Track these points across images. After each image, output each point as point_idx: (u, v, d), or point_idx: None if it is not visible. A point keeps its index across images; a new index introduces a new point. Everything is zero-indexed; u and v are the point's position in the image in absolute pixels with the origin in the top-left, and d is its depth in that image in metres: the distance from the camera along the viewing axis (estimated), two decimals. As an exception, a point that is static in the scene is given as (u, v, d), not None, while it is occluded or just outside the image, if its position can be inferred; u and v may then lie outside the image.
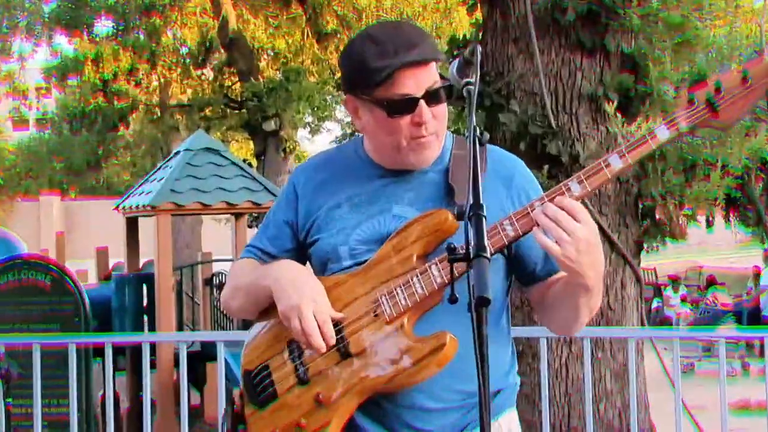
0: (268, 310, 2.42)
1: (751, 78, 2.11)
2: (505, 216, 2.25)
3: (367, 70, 2.28)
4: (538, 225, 2.16)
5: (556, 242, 2.13)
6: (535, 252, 2.38)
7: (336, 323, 2.31)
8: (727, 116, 2.14)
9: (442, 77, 2.34)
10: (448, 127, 2.46)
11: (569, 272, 2.19)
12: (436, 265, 2.25)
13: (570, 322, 2.38)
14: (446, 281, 2.21)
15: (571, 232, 2.11)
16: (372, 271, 2.33)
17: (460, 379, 2.32)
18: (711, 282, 20.27)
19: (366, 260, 2.36)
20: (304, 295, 2.29)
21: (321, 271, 2.45)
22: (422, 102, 2.28)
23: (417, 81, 2.27)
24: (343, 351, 2.31)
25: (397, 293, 2.27)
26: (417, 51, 2.25)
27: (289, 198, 2.56)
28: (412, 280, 2.26)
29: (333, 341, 2.28)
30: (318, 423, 2.32)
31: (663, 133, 2.17)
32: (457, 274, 2.14)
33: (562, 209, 2.15)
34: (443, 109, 2.34)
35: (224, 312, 10.96)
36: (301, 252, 2.52)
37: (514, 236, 2.22)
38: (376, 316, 2.29)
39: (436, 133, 2.34)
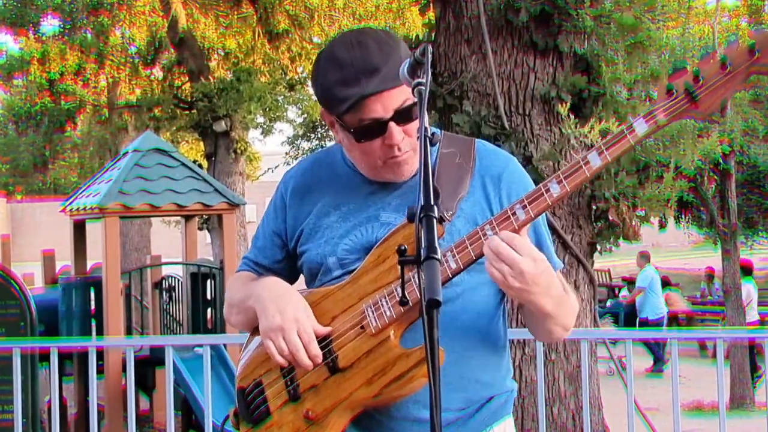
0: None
1: (731, 63, 2.06)
2: (487, 218, 2.23)
3: (332, 99, 2.25)
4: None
5: (501, 274, 2.10)
6: None
7: (324, 337, 2.27)
8: (707, 105, 2.09)
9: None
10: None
11: (520, 301, 2.17)
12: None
13: (547, 337, 2.42)
14: None
15: (511, 263, 2.08)
16: (358, 282, 2.29)
17: (455, 387, 2.29)
18: (665, 282, 20.47)
19: (355, 269, 2.31)
20: (287, 315, 2.25)
21: (312, 281, 2.42)
22: (392, 124, 2.23)
23: (384, 105, 2.22)
24: (332, 366, 2.27)
25: (382, 304, 2.23)
26: (379, 78, 2.20)
27: (276, 206, 2.52)
28: (396, 290, 2.21)
29: (320, 359, 2.24)
30: None
31: (641, 127, 2.11)
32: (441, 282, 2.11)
33: (505, 241, 2.11)
34: (417, 123, 2.26)
35: (174, 316, 10.85)
36: (292, 261, 2.49)
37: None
38: (362, 328, 2.25)
39: (413, 148, 2.29)
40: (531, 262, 2.09)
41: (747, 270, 18.88)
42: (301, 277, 2.53)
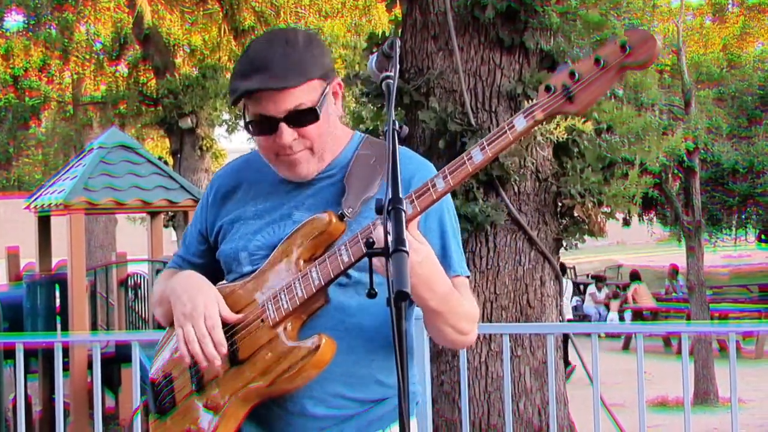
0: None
1: (604, 60, 2.14)
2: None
3: (230, 89, 2.32)
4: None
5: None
6: None
7: (229, 329, 2.31)
8: (581, 102, 2.16)
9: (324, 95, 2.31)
10: (366, 126, 2.42)
11: None
12: (316, 268, 2.23)
13: (442, 339, 2.37)
14: (323, 284, 2.21)
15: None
16: (263, 277, 2.33)
17: (351, 386, 2.33)
18: (634, 275, 20.61)
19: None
20: (196, 303, 2.30)
21: (226, 276, 2.47)
22: (282, 124, 2.26)
23: (275, 104, 2.25)
24: (232, 357, 2.31)
25: (281, 297, 2.27)
26: (267, 77, 2.23)
27: (203, 205, 2.57)
28: (294, 284, 2.25)
29: (224, 348, 2.27)
30: (207, 430, 2.32)
31: (520, 123, 2.17)
32: (333, 276, 2.18)
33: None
34: (315, 129, 2.30)
35: (140, 314, 10.78)
36: (215, 259, 2.52)
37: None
38: (262, 321, 2.29)
39: (309, 148, 2.32)
40: (413, 251, 2.07)
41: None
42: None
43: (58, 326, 9.26)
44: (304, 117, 2.27)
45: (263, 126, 2.28)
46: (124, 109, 19.36)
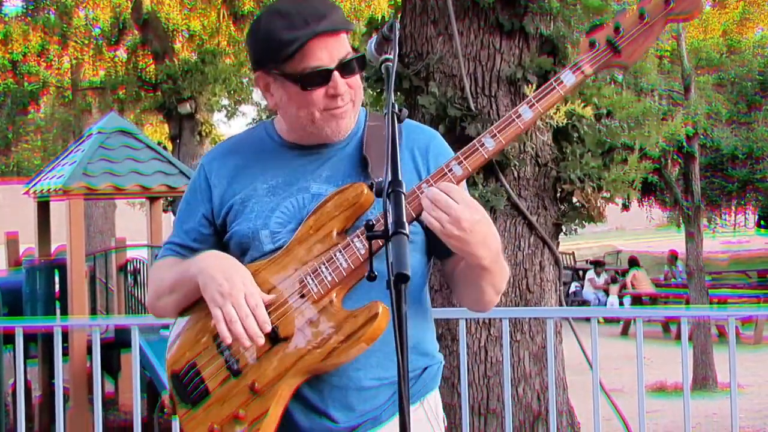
0: (189, 306, 2.38)
1: (648, 15, 2.14)
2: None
3: (277, 44, 2.24)
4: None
5: (440, 224, 2.11)
6: None
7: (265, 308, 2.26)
8: (629, 55, 2.17)
9: (354, 49, 2.31)
10: (365, 106, 2.42)
11: (459, 252, 2.17)
12: (359, 237, 2.22)
13: (477, 300, 2.36)
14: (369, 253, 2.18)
15: (447, 210, 2.09)
16: (293, 253, 2.28)
17: (392, 356, 2.23)
18: (633, 261, 20.64)
19: (288, 241, 2.31)
20: (235, 282, 2.23)
21: (242, 257, 2.38)
22: (336, 73, 2.24)
23: (329, 52, 2.24)
24: (273, 336, 2.25)
25: (322, 271, 2.23)
26: (327, 21, 2.22)
27: (201, 188, 2.48)
28: (335, 255, 2.23)
29: (268, 326, 2.22)
30: (256, 412, 2.26)
31: (569, 79, 2.18)
32: (381, 244, 2.12)
33: (442, 190, 2.13)
34: (357, 80, 2.31)
35: (139, 299, 10.79)
36: (220, 243, 2.46)
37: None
38: (302, 296, 2.25)
39: (352, 101, 2.31)
40: (467, 209, 2.10)
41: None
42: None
43: (58, 311, 9.28)
44: (352, 65, 2.27)
45: (317, 79, 2.24)
46: (123, 94, 19.34)
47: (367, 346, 2.20)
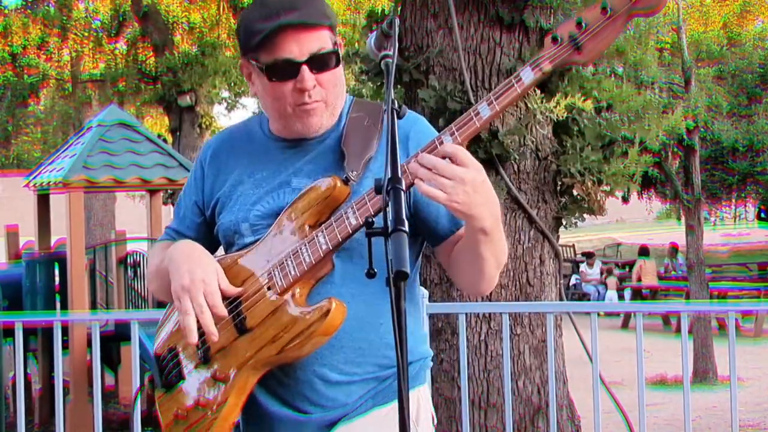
0: None
1: (611, 9, 2.12)
2: None
3: (250, 33, 2.28)
4: (413, 182, 2.11)
5: (442, 190, 2.07)
6: (434, 210, 2.35)
7: (234, 299, 2.29)
8: (589, 51, 2.16)
9: (336, 44, 2.32)
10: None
11: (463, 218, 2.14)
12: (323, 232, 2.23)
13: (479, 276, 2.30)
14: (331, 248, 2.21)
15: (452, 176, 2.05)
16: (267, 245, 2.32)
17: (362, 352, 2.33)
18: (643, 250, 20.66)
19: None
20: (195, 275, 2.25)
21: (228, 249, 2.44)
22: (304, 67, 2.25)
23: (300, 45, 2.24)
24: (240, 327, 2.29)
25: (287, 264, 2.26)
26: (297, 13, 2.23)
27: (196, 177, 2.54)
28: (300, 249, 2.25)
29: (224, 319, 2.26)
30: (216, 400, 2.31)
31: (528, 76, 2.17)
32: (341, 239, 2.18)
33: (440, 156, 2.10)
34: (332, 77, 2.31)
35: (139, 292, 10.79)
36: (211, 231, 2.51)
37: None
38: (269, 289, 2.28)
39: (324, 100, 2.32)
40: (470, 168, 2.06)
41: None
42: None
43: (58, 304, 9.28)
44: (325, 61, 2.27)
45: (284, 70, 2.25)
46: (123, 86, 19.30)
47: (324, 340, 2.22)
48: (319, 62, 2.26)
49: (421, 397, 2.45)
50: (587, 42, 2.14)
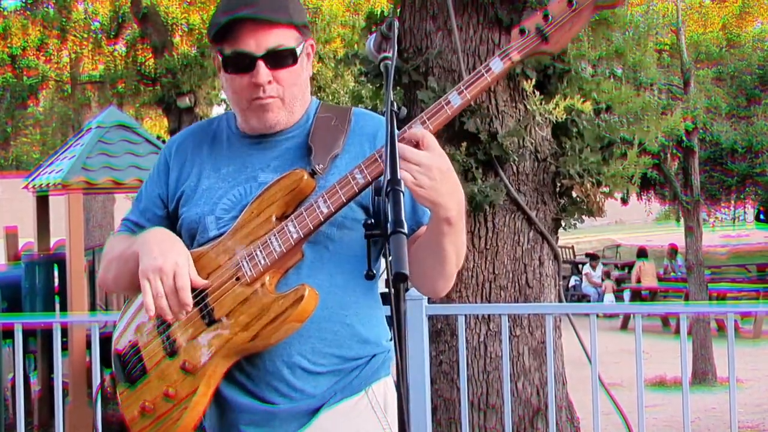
0: (134, 287, 2.41)
1: (576, 1, 2.18)
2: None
3: (211, 23, 2.32)
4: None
5: (408, 173, 2.09)
6: None
7: (200, 291, 2.31)
8: (556, 41, 2.22)
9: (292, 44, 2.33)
10: (365, 105, 2.44)
11: (429, 205, 2.15)
12: (293, 221, 2.25)
13: (437, 273, 2.32)
14: (302, 236, 2.24)
15: (418, 162, 2.08)
16: (234, 237, 2.34)
17: (327, 341, 2.36)
18: (642, 252, 20.66)
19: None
20: (168, 258, 2.26)
21: (190, 243, 2.43)
22: (260, 62, 2.28)
23: (257, 41, 2.28)
24: (207, 318, 2.31)
25: (257, 254, 2.28)
26: (252, 8, 2.26)
27: (159, 170, 2.55)
28: (269, 239, 2.27)
29: (189, 308, 2.27)
30: (186, 390, 2.33)
31: (497, 65, 2.22)
32: (313, 227, 2.22)
33: (409, 141, 2.14)
34: (289, 74, 2.34)
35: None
36: (173, 224, 2.51)
37: (364, 183, 2.22)
38: (237, 279, 2.30)
39: (280, 97, 2.35)
40: (436, 156, 2.10)
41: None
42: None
43: (57, 306, 9.27)
44: (282, 58, 2.31)
45: (240, 63, 2.30)
46: (122, 88, 19.30)
47: (296, 326, 2.25)
48: (276, 59, 2.30)
49: (387, 387, 2.49)
50: (554, 33, 2.21)
